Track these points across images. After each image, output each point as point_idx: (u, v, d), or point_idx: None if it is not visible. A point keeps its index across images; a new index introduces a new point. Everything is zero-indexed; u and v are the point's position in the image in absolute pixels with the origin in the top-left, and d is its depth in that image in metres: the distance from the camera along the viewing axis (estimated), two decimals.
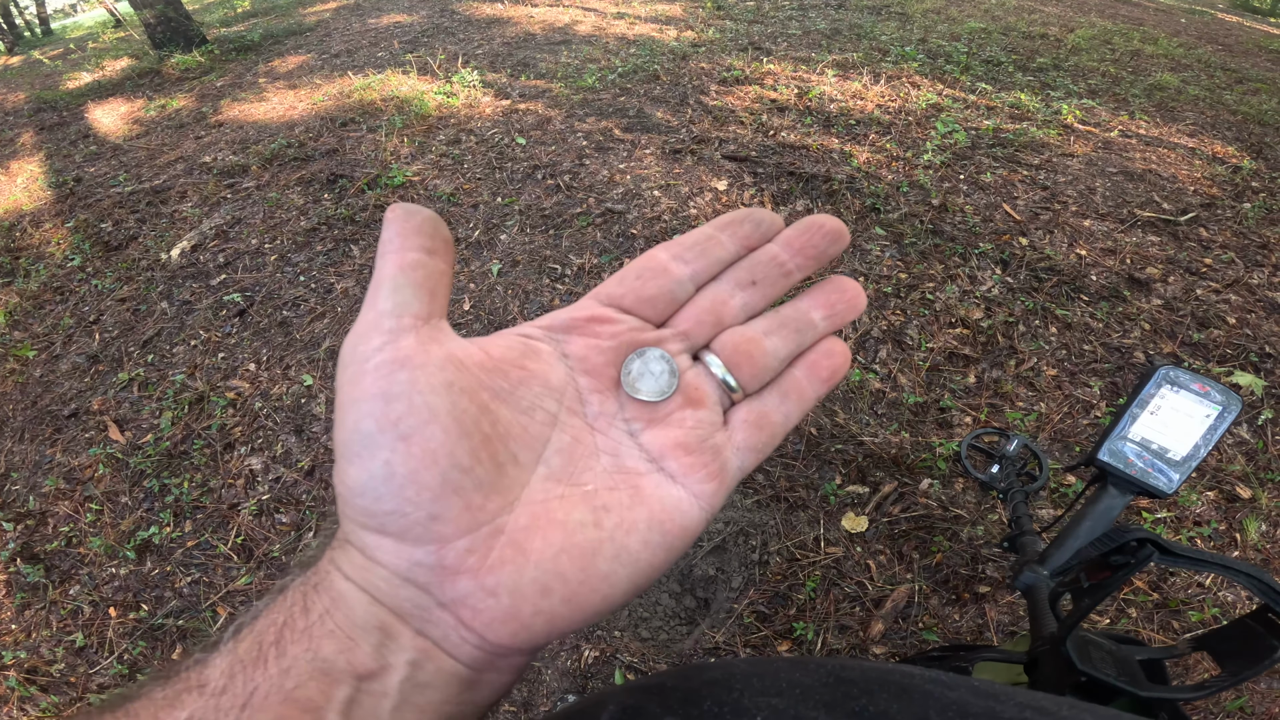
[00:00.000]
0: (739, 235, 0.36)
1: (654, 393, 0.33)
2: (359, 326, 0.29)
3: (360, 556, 0.28)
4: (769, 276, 0.36)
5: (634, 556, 0.30)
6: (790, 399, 0.35)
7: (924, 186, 3.36)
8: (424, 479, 0.27)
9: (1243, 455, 2.14)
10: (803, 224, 0.36)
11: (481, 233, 3.27)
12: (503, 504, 0.29)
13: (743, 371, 0.34)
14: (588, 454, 0.32)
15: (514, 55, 5.44)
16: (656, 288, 0.35)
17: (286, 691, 0.25)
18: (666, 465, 0.32)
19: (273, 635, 0.27)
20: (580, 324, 0.34)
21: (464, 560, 0.28)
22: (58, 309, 3.23)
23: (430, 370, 0.28)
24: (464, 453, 0.28)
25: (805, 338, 0.35)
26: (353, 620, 0.27)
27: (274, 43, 6.85)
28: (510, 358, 0.32)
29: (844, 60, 4.94)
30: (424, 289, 0.30)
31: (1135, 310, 2.65)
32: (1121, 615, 1.79)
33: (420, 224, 0.30)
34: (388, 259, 0.30)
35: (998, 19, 6.38)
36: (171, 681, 0.26)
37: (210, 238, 3.47)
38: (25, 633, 2.03)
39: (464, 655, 0.28)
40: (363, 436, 0.27)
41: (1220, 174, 3.57)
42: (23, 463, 2.53)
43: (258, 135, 4.51)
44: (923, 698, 0.30)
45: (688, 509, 0.31)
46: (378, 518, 0.27)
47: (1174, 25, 7.22)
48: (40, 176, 4.52)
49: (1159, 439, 0.78)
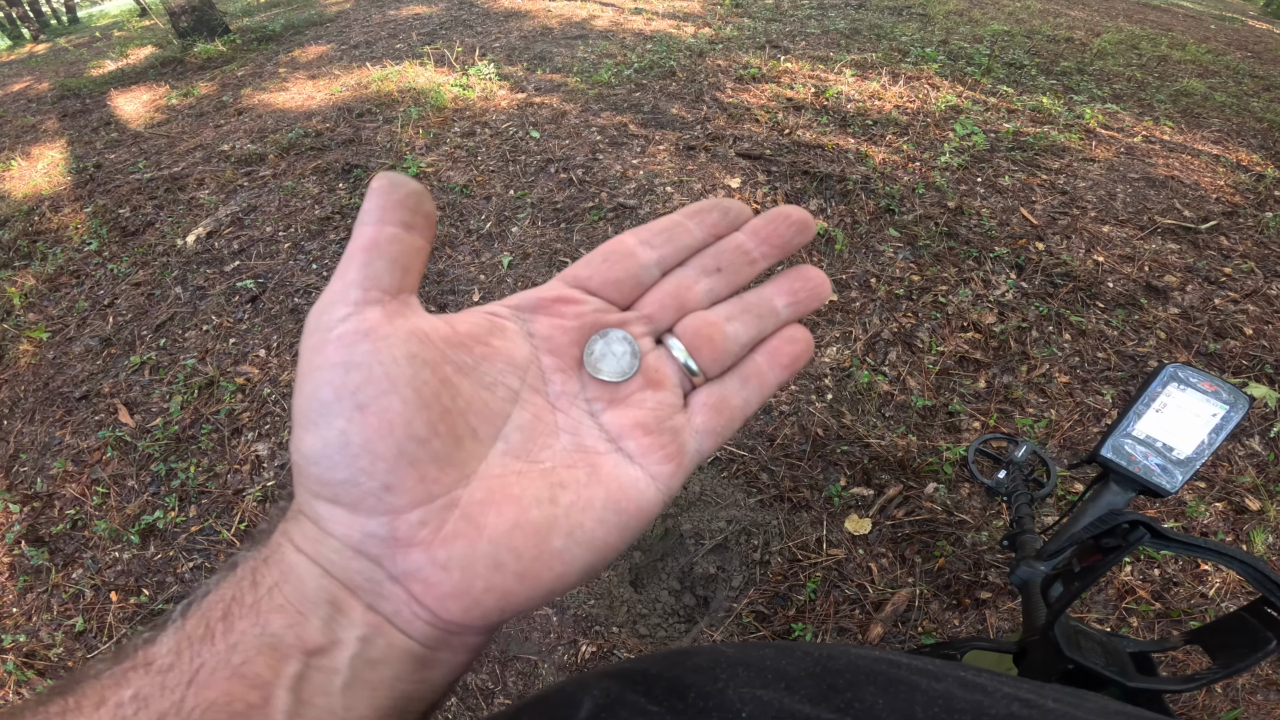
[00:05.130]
0: (707, 223, 0.36)
1: (615, 373, 0.34)
2: (326, 295, 0.29)
3: (313, 528, 0.28)
4: (734, 264, 0.36)
5: (589, 534, 0.29)
6: (751, 384, 0.35)
7: (940, 189, 3.33)
8: (379, 449, 0.27)
9: (1253, 467, 2.11)
10: (770, 214, 0.36)
11: (493, 224, 3.28)
12: (458, 477, 0.29)
13: (703, 355, 0.34)
14: (548, 432, 0.32)
15: (531, 49, 5.44)
16: (622, 271, 0.35)
17: (234, 667, 0.24)
18: (625, 445, 0.32)
19: (220, 611, 0.26)
20: (546, 304, 0.34)
21: (416, 532, 0.27)
22: (73, 292, 3.26)
23: (393, 342, 0.28)
24: (421, 424, 0.27)
25: (767, 324, 0.36)
26: (302, 594, 0.27)
27: (294, 33, 6.90)
28: (476, 333, 0.32)
29: (862, 60, 4.90)
30: (397, 264, 0.30)
31: (1151, 318, 2.61)
32: (1123, 624, 1.77)
33: (403, 197, 0.30)
34: (364, 229, 0.29)
35: (1022, 22, 6.31)
36: (120, 660, 0.26)
37: (225, 225, 3.50)
38: (26, 616, 2.05)
39: (416, 631, 0.28)
40: (320, 404, 0.27)
41: (1244, 182, 3.51)
42: (32, 444, 2.55)
43: (276, 124, 4.54)
44: (909, 690, 0.30)
45: (644, 489, 0.31)
46: (331, 487, 0.27)
47: (1203, 31, 7.12)
48: (61, 162, 4.57)
49: (1164, 437, 0.76)
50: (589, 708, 0.30)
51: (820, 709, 0.29)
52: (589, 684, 0.32)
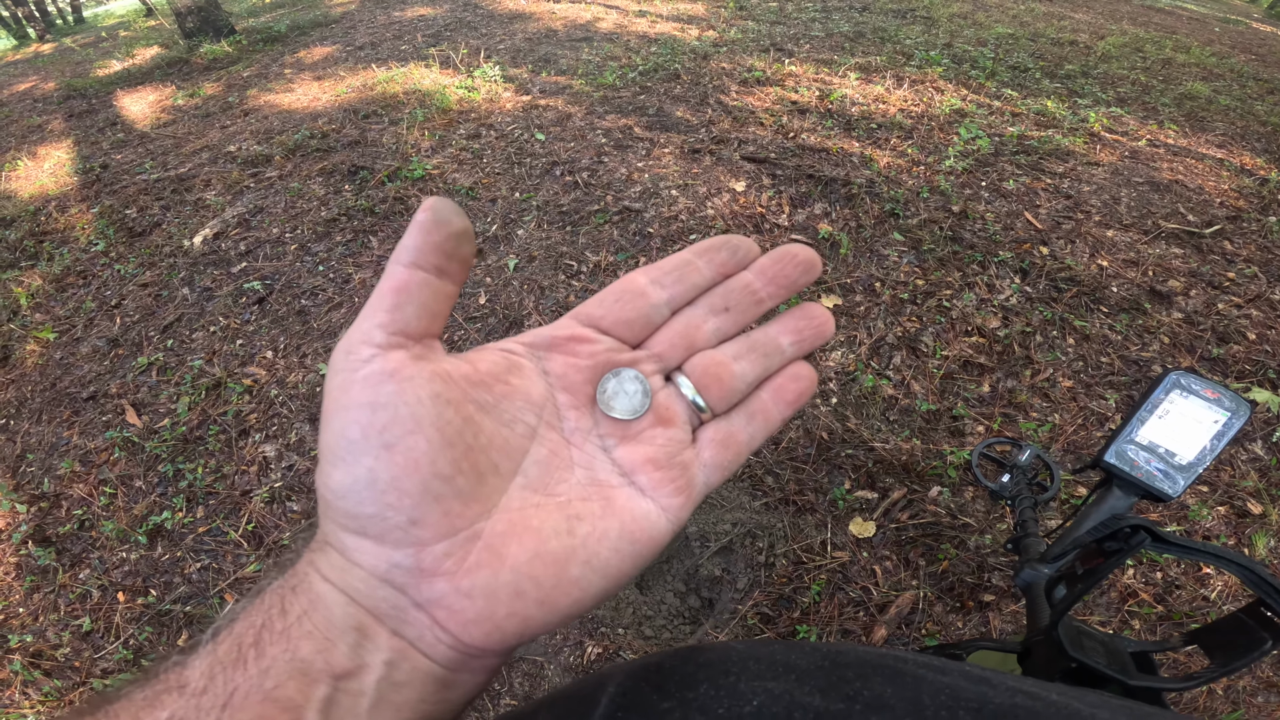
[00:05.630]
0: (715, 262, 0.37)
1: (627, 411, 0.35)
2: (353, 334, 0.30)
3: (339, 558, 0.29)
4: (741, 304, 0.37)
5: (605, 563, 0.31)
6: (756, 420, 0.37)
7: (945, 192, 3.33)
8: (405, 486, 0.28)
9: (1255, 472, 2.11)
10: (777, 253, 0.37)
11: (499, 227, 3.29)
12: (481, 511, 0.30)
13: (711, 393, 0.36)
14: (564, 466, 0.33)
15: (536, 51, 5.45)
16: (634, 311, 0.36)
17: (266, 691, 0.26)
18: (637, 479, 0.34)
19: (251, 637, 0.27)
20: (560, 342, 0.36)
21: (441, 563, 0.29)
22: (80, 293, 3.28)
23: (417, 383, 0.29)
24: (446, 462, 0.29)
25: (773, 362, 0.37)
26: (330, 621, 0.28)
27: (300, 34, 6.92)
28: (495, 372, 0.33)
29: (867, 63, 4.91)
30: (426, 310, 0.30)
31: (1155, 323, 2.61)
32: (1125, 627, 1.78)
33: (442, 240, 0.30)
34: (397, 270, 0.30)
35: (1026, 25, 6.31)
36: (151, 683, 0.27)
37: (232, 226, 3.51)
38: (32, 616, 2.06)
39: (439, 655, 0.29)
40: (348, 442, 0.28)
41: (1248, 186, 3.51)
42: (39, 444, 2.57)
43: (282, 125, 4.55)
44: (915, 682, 0.31)
45: (656, 520, 0.33)
46: (359, 520, 0.28)
47: (1208, 34, 7.12)
48: (68, 162, 4.59)
49: (1166, 443, 0.78)
50: (605, 705, 0.31)
51: (829, 699, 0.30)
52: (606, 680, 0.34)
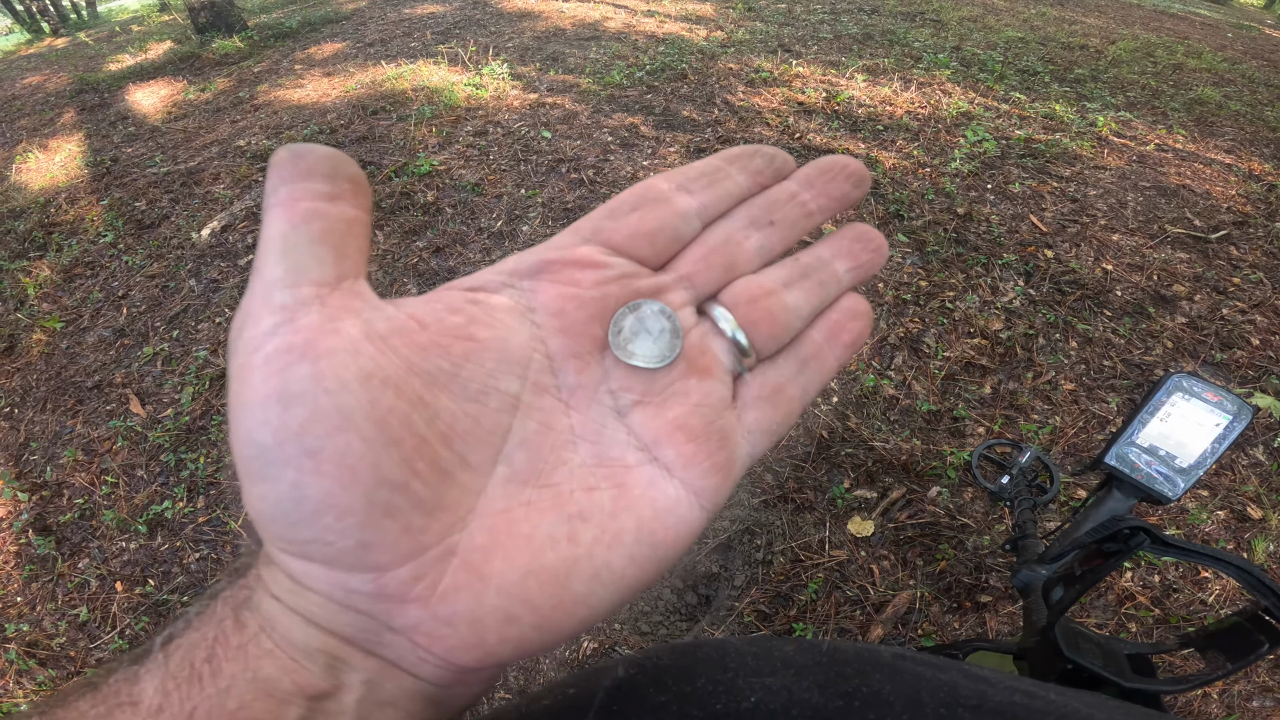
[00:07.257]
0: (750, 169, 0.30)
1: (652, 357, 0.26)
2: (246, 304, 0.23)
3: (288, 581, 0.23)
4: (789, 217, 0.30)
5: (617, 575, 0.24)
6: (810, 369, 0.29)
7: (950, 194, 3.33)
8: (344, 502, 0.21)
9: (1256, 476, 2.10)
10: (822, 163, 0.30)
11: (504, 223, 3.30)
12: (452, 520, 0.23)
13: (760, 331, 0.28)
14: (561, 443, 0.26)
15: (543, 49, 5.46)
16: (657, 221, 0.28)
17: (230, 712, 0.21)
18: (662, 454, 0.26)
19: (204, 652, 0.23)
20: (555, 266, 0.27)
21: (409, 588, 0.23)
22: (87, 283, 3.30)
23: (340, 358, 0.22)
24: (393, 464, 0.22)
25: (829, 292, 0.29)
26: (290, 641, 0.23)
27: (310, 30, 6.95)
28: (451, 326, 0.25)
29: (874, 65, 4.90)
30: (326, 245, 0.23)
31: (1159, 327, 2.60)
32: (1122, 629, 1.77)
33: (313, 164, 0.24)
34: (274, 213, 0.23)
35: (1036, 29, 6.29)
36: (102, 694, 0.22)
37: (240, 219, 3.53)
38: (30, 605, 2.08)
39: (425, 673, 0.24)
40: (260, 450, 0.21)
41: (1255, 191, 3.49)
42: (43, 433, 2.59)
43: (291, 121, 4.57)
44: (914, 679, 0.30)
45: (685, 511, 0.26)
46: (297, 545, 0.22)
47: (1219, 39, 7.09)
48: (78, 155, 4.62)
49: (1167, 445, 0.78)
50: (602, 698, 0.30)
51: (827, 696, 0.28)
52: (604, 673, 0.32)
